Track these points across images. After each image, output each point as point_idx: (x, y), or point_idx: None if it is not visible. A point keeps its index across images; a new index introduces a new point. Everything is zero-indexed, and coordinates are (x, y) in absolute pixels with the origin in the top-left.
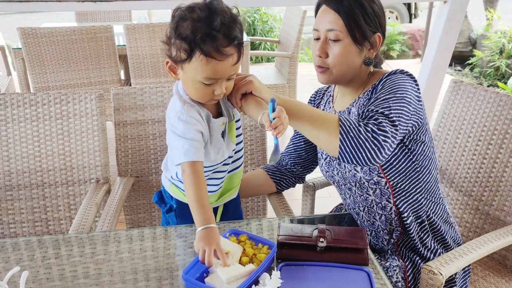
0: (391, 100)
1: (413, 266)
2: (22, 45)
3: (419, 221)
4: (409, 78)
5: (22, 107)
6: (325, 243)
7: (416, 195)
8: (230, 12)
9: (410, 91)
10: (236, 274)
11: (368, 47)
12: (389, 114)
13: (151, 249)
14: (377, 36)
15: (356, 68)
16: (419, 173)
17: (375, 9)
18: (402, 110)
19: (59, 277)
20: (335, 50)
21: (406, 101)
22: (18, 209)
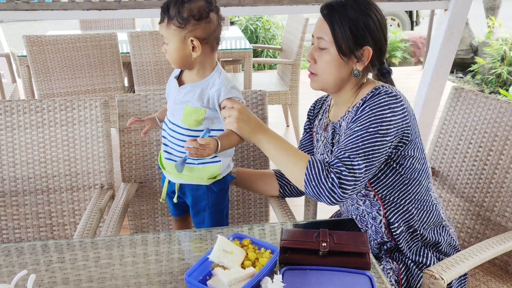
0: (362, 138)
1: (407, 269)
2: (27, 53)
3: (410, 231)
4: (390, 100)
5: (28, 113)
6: (327, 248)
7: (406, 206)
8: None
9: (388, 119)
10: (237, 277)
11: (355, 60)
12: (353, 162)
13: (155, 254)
14: (366, 49)
15: (343, 79)
16: (408, 185)
17: (368, 23)
18: (373, 147)
19: (64, 281)
20: (322, 57)
21: (380, 134)
22: (23, 214)
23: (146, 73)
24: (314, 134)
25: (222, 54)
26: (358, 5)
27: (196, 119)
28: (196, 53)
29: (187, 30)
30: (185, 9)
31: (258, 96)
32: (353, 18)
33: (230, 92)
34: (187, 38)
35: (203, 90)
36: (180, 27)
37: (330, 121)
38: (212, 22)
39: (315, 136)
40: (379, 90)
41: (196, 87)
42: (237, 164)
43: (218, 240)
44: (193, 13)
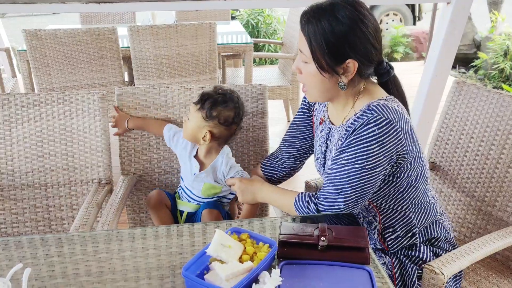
0: (348, 173)
1: (400, 263)
2: (26, 47)
3: (409, 235)
4: (379, 132)
5: (25, 107)
6: (326, 242)
7: (404, 211)
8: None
9: (376, 153)
10: (235, 272)
11: (341, 72)
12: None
13: (153, 248)
14: (350, 62)
15: (330, 91)
16: (403, 192)
17: (348, 35)
18: (360, 180)
19: (62, 274)
20: (305, 69)
21: (367, 169)
22: (21, 208)
23: (146, 68)
24: (315, 118)
25: (223, 49)
26: (335, 13)
27: (214, 192)
28: (205, 142)
29: (208, 124)
30: (216, 110)
31: (258, 90)
32: (329, 31)
33: (230, 171)
34: (205, 128)
35: (215, 172)
36: (205, 118)
37: (328, 118)
38: (230, 130)
39: (316, 120)
40: (369, 115)
41: (209, 172)
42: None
43: (216, 234)
44: (220, 117)
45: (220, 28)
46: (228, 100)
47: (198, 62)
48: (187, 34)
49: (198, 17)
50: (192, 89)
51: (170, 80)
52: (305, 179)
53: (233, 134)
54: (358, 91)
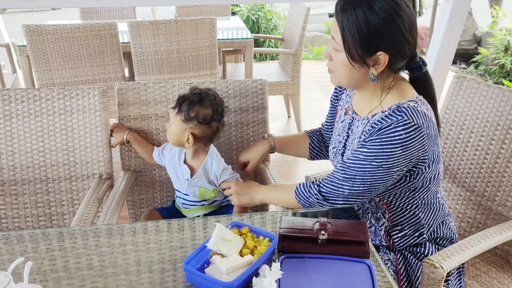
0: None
1: (405, 259)
2: (27, 42)
3: (416, 235)
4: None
5: (26, 102)
6: (326, 236)
7: (413, 210)
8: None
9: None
10: (235, 265)
11: (371, 64)
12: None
13: (154, 242)
14: (381, 55)
15: (359, 80)
16: (415, 192)
17: (382, 26)
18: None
19: (63, 268)
20: (336, 57)
21: (384, 168)
22: (22, 203)
23: (146, 63)
24: (339, 109)
25: (223, 44)
26: (371, 3)
27: (211, 195)
28: (189, 145)
29: (188, 126)
30: (194, 110)
31: (259, 85)
32: (363, 22)
33: (223, 174)
34: (186, 131)
35: (208, 175)
36: (184, 121)
37: (352, 108)
38: (211, 128)
39: (339, 111)
40: (399, 116)
41: (201, 175)
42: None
43: (217, 228)
44: (198, 116)
45: (220, 23)
46: (204, 98)
47: (199, 58)
48: (188, 30)
49: (198, 12)
50: (193, 84)
51: (171, 75)
52: (305, 174)
53: (216, 131)
54: (388, 86)
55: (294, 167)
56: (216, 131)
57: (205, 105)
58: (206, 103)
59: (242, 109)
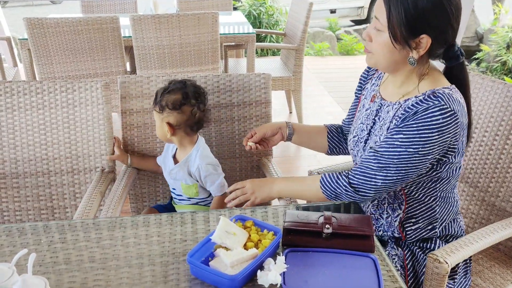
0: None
1: (412, 255)
2: (28, 36)
3: (429, 228)
4: (443, 121)
5: (28, 95)
6: (331, 230)
7: (431, 203)
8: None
9: (434, 140)
10: (239, 258)
11: (413, 46)
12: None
13: (157, 235)
14: (424, 38)
15: (397, 63)
16: (437, 183)
17: (429, 8)
18: (408, 164)
19: (66, 261)
20: (376, 38)
21: (419, 155)
22: (24, 196)
23: (148, 57)
24: (362, 98)
25: (225, 39)
26: None
27: (194, 191)
28: (169, 135)
29: (163, 116)
30: (164, 99)
31: (262, 79)
32: (411, 3)
33: (206, 169)
34: (163, 121)
35: (188, 168)
36: (158, 112)
37: (380, 94)
38: (184, 113)
39: (362, 101)
40: (436, 101)
41: (183, 166)
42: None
43: (221, 221)
44: (168, 103)
45: (222, 18)
46: (173, 86)
47: (200, 52)
48: (190, 24)
49: (200, 7)
50: (196, 77)
51: (172, 70)
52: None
53: (193, 117)
54: (423, 72)
55: (295, 163)
56: (194, 117)
57: (174, 92)
58: (175, 90)
59: (245, 103)
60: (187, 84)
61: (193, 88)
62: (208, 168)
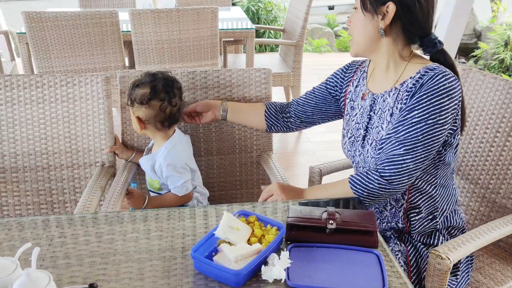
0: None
1: (415, 251)
2: (26, 29)
3: (430, 218)
4: (448, 84)
5: (28, 89)
6: (334, 225)
7: (432, 192)
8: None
9: (446, 106)
10: (243, 253)
11: (381, 16)
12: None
13: (159, 230)
14: (390, 4)
15: (372, 38)
16: (439, 169)
17: None
18: (433, 138)
19: (69, 255)
20: (353, 18)
21: (439, 124)
22: (23, 191)
23: (147, 52)
24: (348, 101)
25: (224, 34)
26: None
27: (156, 186)
28: (138, 128)
29: (133, 109)
30: (133, 92)
31: (262, 74)
32: None
33: (167, 170)
34: (134, 114)
35: (153, 163)
36: (130, 106)
37: (369, 91)
38: (152, 108)
39: (348, 103)
40: (435, 70)
41: (149, 160)
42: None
43: (224, 216)
44: (137, 97)
45: (221, 13)
46: (142, 80)
47: (200, 47)
48: (189, 19)
49: (199, 2)
50: (196, 72)
51: (171, 65)
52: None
53: (160, 112)
54: (405, 54)
55: (294, 159)
56: (163, 112)
57: (143, 86)
58: (144, 83)
59: (245, 99)
60: (158, 77)
61: (164, 81)
62: (169, 169)
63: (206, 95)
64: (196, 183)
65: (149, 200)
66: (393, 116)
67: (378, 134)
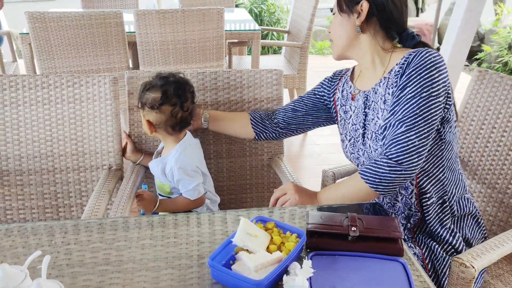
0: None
1: (431, 253)
2: (29, 30)
3: (440, 202)
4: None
5: (33, 89)
6: (358, 233)
7: (439, 175)
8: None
9: (436, 79)
10: (264, 262)
11: (357, 15)
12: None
13: (173, 236)
14: (364, 3)
15: (351, 37)
16: (443, 150)
17: None
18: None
19: (79, 263)
20: (333, 22)
21: (433, 97)
22: (28, 194)
23: (152, 53)
24: (339, 108)
25: (230, 35)
26: None
27: (167, 191)
28: (149, 132)
29: (143, 113)
30: (143, 96)
31: (274, 75)
32: None
33: (178, 173)
34: (144, 117)
35: (164, 166)
36: (140, 108)
37: (359, 90)
38: (163, 113)
39: (340, 108)
40: (419, 51)
41: (159, 163)
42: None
43: (241, 222)
44: (148, 101)
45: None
46: (153, 82)
47: (205, 49)
48: (195, 20)
49: (202, 3)
50: (205, 73)
51: (176, 66)
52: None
53: (171, 118)
54: (386, 47)
55: (299, 162)
56: (175, 117)
57: (154, 89)
58: (155, 87)
59: (256, 100)
60: (169, 80)
61: (176, 85)
62: (180, 172)
63: (216, 96)
64: (207, 187)
65: (160, 203)
66: (387, 102)
67: (376, 125)
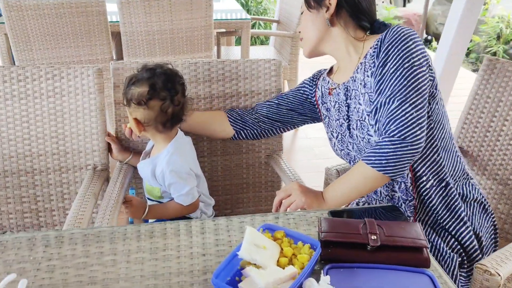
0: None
1: (435, 250)
2: (5, 19)
3: (443, 185)
4: (407, 31)
5: (8, 82)
6: (379, 242)
7: (434, 156)
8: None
9: (414, 49)
10: (276, 279)
11: (325, 10)
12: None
13: (169, 249)
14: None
15: (321, 31)
16: (433, 129)
17: None
18: (418, 80)
19: (63, 282)
20: (302, 21)
21: (416, 66)
22: (4, 198)
23: (137, 44)
24: (321, 106)
25: (218, 25)
26: None
27: (157, 195)
28: (138, 131)
29: (130, 110)
30: (129, 91)
31: (272, 66)
32: None
33: (170, 176)
34: (131, 115)
35: (154, 168)
36: (125, 105)
37: (337, 84)
38: (152, 109)
39: (322, 106)
40: (390, 28)
41: (149, 164)
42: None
43: (247, 232)
44: (134, 97)
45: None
46: (139, 76)
47: (193, 39)
48: (182, 8)
49: None
50: (198, 64)
51: (163, 57)
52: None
53: (166, 113)
54: (359, 37)
55: (291, 156)
56: (165, 113)
57: (140, 83)
58: (141, 80)
59: (253, 93)
60: (157, 72)
61: (164, 77)
62: (172, 175)
63: (210, 89)
64: (201, 190)
65: (149, 209)
66: (367, 86)
67: (358, 112)
